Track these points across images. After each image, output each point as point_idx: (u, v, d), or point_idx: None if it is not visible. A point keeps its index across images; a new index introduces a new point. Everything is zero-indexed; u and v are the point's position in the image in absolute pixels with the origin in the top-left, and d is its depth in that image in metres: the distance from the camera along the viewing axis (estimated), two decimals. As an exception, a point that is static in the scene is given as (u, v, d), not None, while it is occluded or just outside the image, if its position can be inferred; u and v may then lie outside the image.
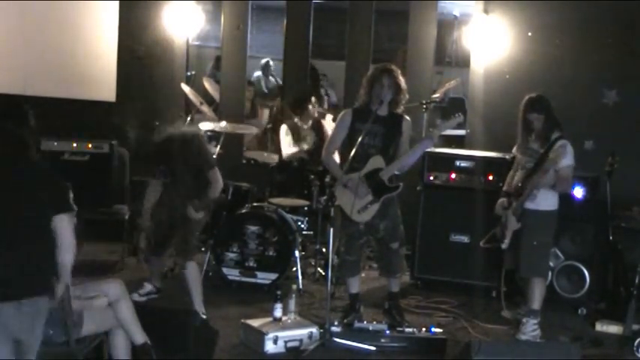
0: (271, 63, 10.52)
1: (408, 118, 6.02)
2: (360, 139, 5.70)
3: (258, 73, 10.50)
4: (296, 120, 7.72)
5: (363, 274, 6.59)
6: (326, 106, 9.46)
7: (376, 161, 5.84)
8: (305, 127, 7.71)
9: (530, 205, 5.84)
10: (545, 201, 5.84)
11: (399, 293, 6.26)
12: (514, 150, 6.12)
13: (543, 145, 5.89)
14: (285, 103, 8.45)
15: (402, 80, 5.95)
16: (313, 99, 7.79)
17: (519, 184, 5.92)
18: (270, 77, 10.57)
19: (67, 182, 4.19)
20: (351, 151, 5.71)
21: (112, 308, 4.56)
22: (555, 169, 5.76)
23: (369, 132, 5.80)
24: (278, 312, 5.60)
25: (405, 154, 5.89)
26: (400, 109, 5.98)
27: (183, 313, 5.27)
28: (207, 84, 8.83)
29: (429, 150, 6.51)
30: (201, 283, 6.05)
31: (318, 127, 7.77)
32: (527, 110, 5.93)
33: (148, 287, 6.34)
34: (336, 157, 6.03)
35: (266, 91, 10.48)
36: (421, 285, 7.08)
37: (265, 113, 9.96)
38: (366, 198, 5.81)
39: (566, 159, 5.76)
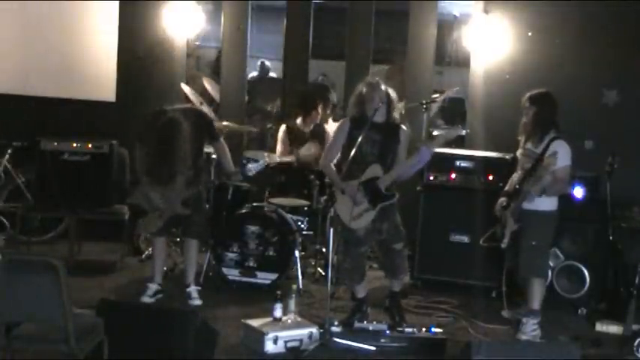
0: (267, 63, 10.49)
1: (405, 127, 5.99)
2: (357, 146, 5.67)
3: (253, 74, 10.45)
4: (298, 121, 7.65)
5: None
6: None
7: (374, 169, 5.83)
8: (307, 130, 7.59)
9: (528, 205, 5.83)
10: (544, 201, 5.83)
11: (400, 293, 6.28)
12: (518, 151, 6.13)
13: (537, 144, 5.88)
14: (290, 103, 8.35)
15: (389, 89, 5.90)
16: (320, 107, 7.59)
17: (517, 186, 5.93)
18: (270, 75, 10.52)
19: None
20: (349, 158, 5.70)
21: None
22: (552, 171, 5.75)
23: (367, 140, 5.78)
24: (278, 312, 5.60)
25: (402, 164, 5.86)
26: (398, 114, 5.97)
27: (183, 313, 5.27)
28: (207, 84, 8.82)
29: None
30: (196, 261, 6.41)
31: (320, 132, 7.61)
32: (525, 101, 5.97)
33: (153, 287, 6.32)
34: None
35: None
36: (421, 285, 7.07)
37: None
38: (362, 205, 5.81)
39: (562, 160, 5.74)
